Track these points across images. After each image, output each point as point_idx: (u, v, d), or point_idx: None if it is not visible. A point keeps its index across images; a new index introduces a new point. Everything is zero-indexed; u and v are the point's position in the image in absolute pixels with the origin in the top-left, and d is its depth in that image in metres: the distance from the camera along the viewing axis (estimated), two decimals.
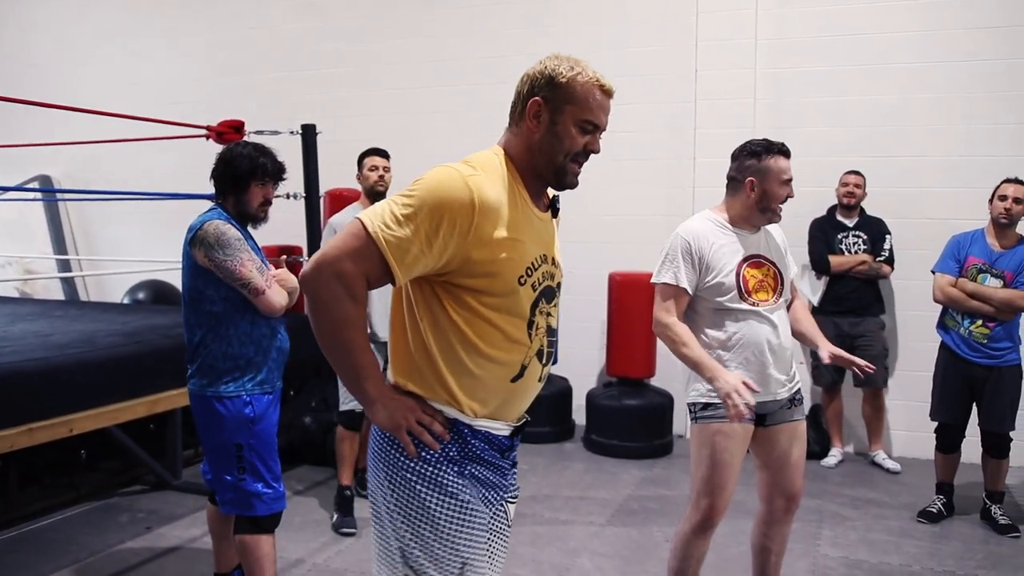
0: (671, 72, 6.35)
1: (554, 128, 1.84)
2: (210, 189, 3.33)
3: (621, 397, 6.01)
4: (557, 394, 6.31)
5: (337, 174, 6.26)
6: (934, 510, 4.70)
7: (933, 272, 4.61)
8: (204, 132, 5.38)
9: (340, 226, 4.47)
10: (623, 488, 5.18)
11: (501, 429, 1.89)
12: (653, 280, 3.12)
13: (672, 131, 6.37)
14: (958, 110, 5.76)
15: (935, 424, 4.68)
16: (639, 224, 6.48)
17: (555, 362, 1.99)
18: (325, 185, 5.85)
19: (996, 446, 4.50)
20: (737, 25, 6.14)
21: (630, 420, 5.92)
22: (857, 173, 5.70)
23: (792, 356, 3.14)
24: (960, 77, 5.74)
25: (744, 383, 2.73)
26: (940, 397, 4.59)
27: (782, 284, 3.08)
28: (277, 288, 3.16)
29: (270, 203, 3.28)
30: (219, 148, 3.39)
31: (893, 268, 5.59)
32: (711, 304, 3.03)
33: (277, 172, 3.27)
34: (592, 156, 1.90)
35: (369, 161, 4.52)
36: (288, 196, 5.36)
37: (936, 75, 5.79)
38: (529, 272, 1.84)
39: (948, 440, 4.62)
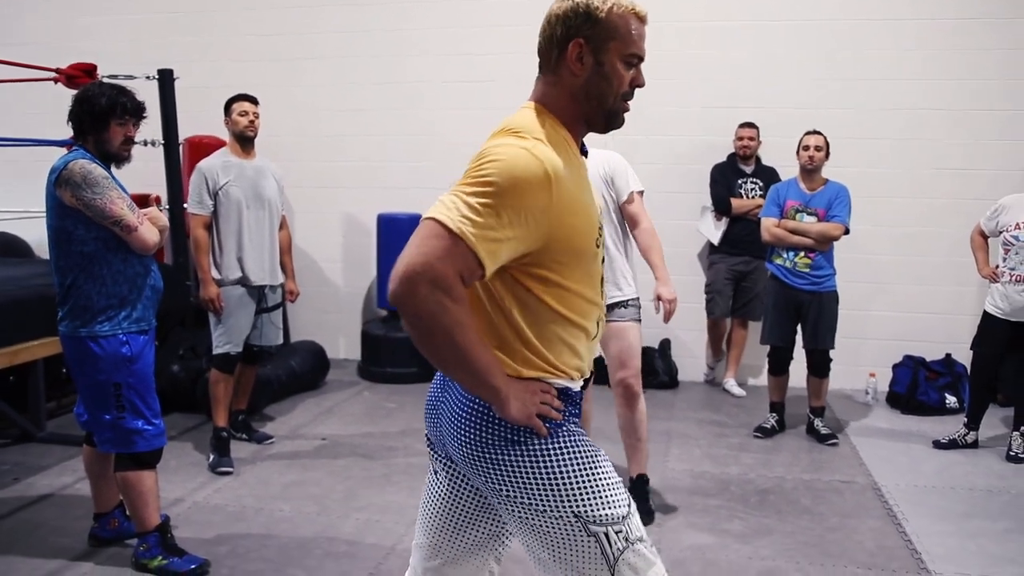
0: (530, 22, 6.51)
1: (601, 69, 1.69)
2: (61, 135, 3.28)
3: None
4: None
5: (196, 121, 6.18)
6: (768, 426, 5.24)
7: (759, 218, 5.15)
8: (53, 76, 5.19)
9: (209, 171, 4.47)
10: None
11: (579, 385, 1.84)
12: None
13: (530, 81, 6.56)
14: (845, 69, 6.23)
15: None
16: None
17: None
18: (184, 132, 5.77)
19: (819, 364, 5.07)
20: None
21: None
22: (750, 125, 6.13)
23: (620, 271, 3.79)
24: (842, 33, 6.23)
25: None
26: (771, 322, 5.11)
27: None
28: (149, 225, 3.18)
29: (133, 142, 3.28)
30: (70, 93, 3.34)
31: None
32: None
33: (137, 110, 3.25)
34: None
35: (238, 106, 4.53)
36: (146, 143, 5.28)
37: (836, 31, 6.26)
38: (600, 233, 1.76)
39: (778, 362, 5.15)
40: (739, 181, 6.12)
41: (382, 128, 6.86)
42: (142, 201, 3.47)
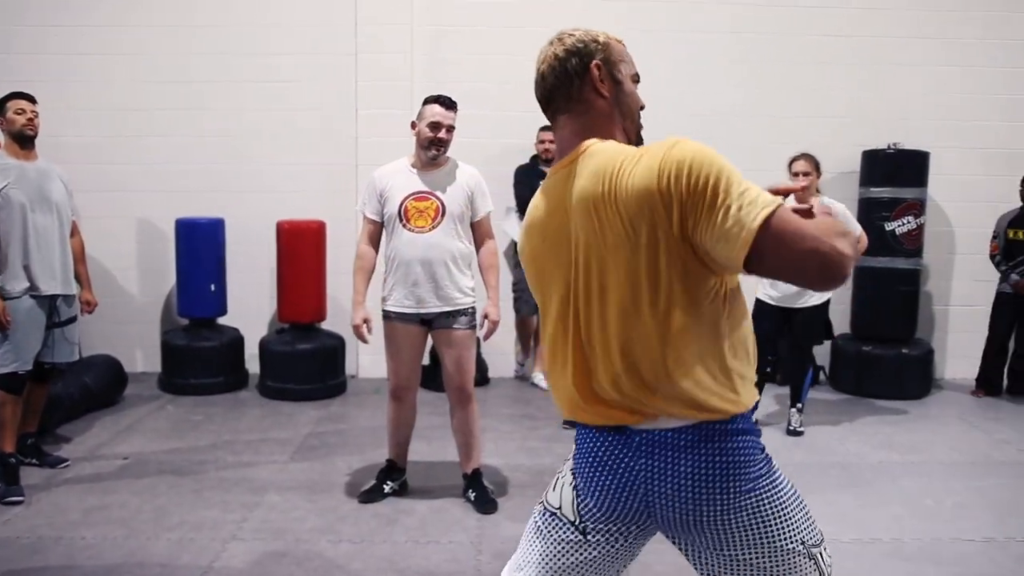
0: (332, 24, 6.49)
1: (621, 87, 1.77)
2: None
3: (294, 342, 6.16)
4: (228, 344, 6.30)
5: None
6: None
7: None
8: None
9: None
10: (302, 427, 5.38)
11: None
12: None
13: (334, 83, 6.53)
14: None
15: None
16: (304, 173, 6.59)
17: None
18: None
19: None
20: None
21: (304, 363, 6.10)
22: (551, 128, 6.26)
23: (457, 282, 3.94)
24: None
25: (361, 322, 3.98)
26: None
27: (442, 216, 3.89)
28: None
29: None
30: None
31: None
32: (388, 228, 3.98)
33: None
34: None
35: (14, 104, 4.21)
36: None
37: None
38: None
39: None
40: (541, 183, 6.32)
41: (177, 129, 6.55)
42: None
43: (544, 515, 1.86)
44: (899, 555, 3.65)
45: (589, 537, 1.78)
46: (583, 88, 1.74)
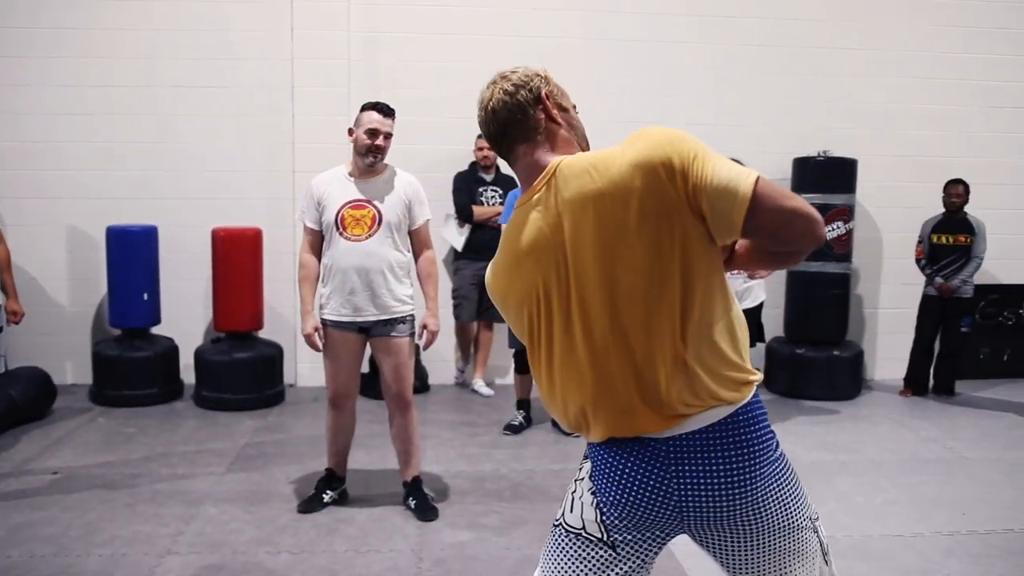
0: (268, 29, 6.42)
1: (568, 115, 1.87)
2: None
3: (231, 351, 6.06)
4: (162, 354, 6.17)
5: None
6: (516, 423, 5.50)
7: (500, 224, 5.43)
8: None
9: None
10: (239, 438, 5.30)
11: None
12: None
13: (271, 88, 6.45)
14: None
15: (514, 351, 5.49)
16: (240, 180, 6.50)
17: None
18: None
19: None
20: None
21: (241, 373, 6.01)
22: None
23: (394, 290, 3.93)
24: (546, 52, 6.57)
25: (312, 331, 3.93)
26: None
27: (379, 224, 3.88)
28: None
29: None
30: None
31: None
32: (325, 236, 3.95)
33: None
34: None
35: None
36: None
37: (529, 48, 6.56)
38: None
39: (525, 362, 5.40)
40: (480, 189, 6.36)
41: (108, 134, 6.40)
42: None
43: (568, 536, 1.83)
44: (831, 551, 3.73)
45: (619, 551, 1.79)
46: (538, 116, 1.80)
